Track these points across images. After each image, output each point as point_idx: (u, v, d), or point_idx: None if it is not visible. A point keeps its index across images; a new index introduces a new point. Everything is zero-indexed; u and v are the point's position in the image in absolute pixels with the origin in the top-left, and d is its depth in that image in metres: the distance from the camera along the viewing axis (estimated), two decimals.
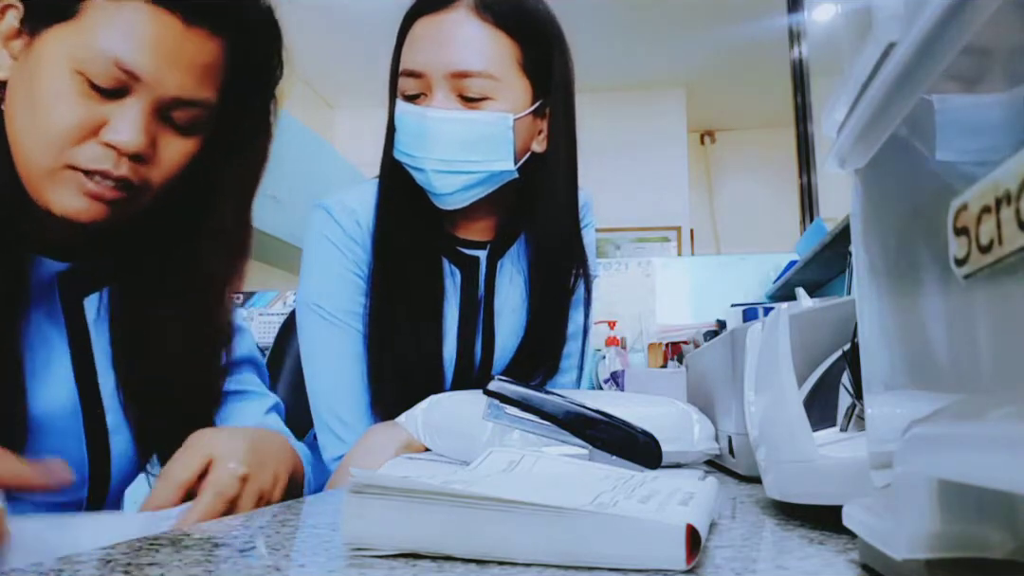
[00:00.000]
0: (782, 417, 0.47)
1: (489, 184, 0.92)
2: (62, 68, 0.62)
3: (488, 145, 0.88)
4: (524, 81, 0.91)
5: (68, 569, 0.34)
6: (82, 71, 0.62)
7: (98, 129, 0.63)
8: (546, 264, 0.98)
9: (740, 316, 2.45)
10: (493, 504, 0.34)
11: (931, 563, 0.24)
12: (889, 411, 0.30)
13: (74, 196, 0.64)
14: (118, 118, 0.63)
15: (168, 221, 0.72)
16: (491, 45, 0.88)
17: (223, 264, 0.75)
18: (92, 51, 0.62)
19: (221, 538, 0.42)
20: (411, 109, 0.88)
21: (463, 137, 0.87)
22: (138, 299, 0.73)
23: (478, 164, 0.88)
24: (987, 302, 0.21)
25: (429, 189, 0.90)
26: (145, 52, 0.62)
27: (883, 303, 0.31)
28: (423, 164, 0.88)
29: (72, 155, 0.63)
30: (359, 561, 0.34)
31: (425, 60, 0.87)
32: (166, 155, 0.67)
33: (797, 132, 3.33)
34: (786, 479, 0.46)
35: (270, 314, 2.88)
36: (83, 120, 0.62)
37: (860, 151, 0.32)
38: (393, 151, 0.92)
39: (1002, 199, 0.19)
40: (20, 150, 0.64)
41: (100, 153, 0.63)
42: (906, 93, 0.26)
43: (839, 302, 0.66)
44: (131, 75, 0.62)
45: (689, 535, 0.32)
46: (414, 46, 0.89)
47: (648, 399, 0.86)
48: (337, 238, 0.94)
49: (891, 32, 0.26)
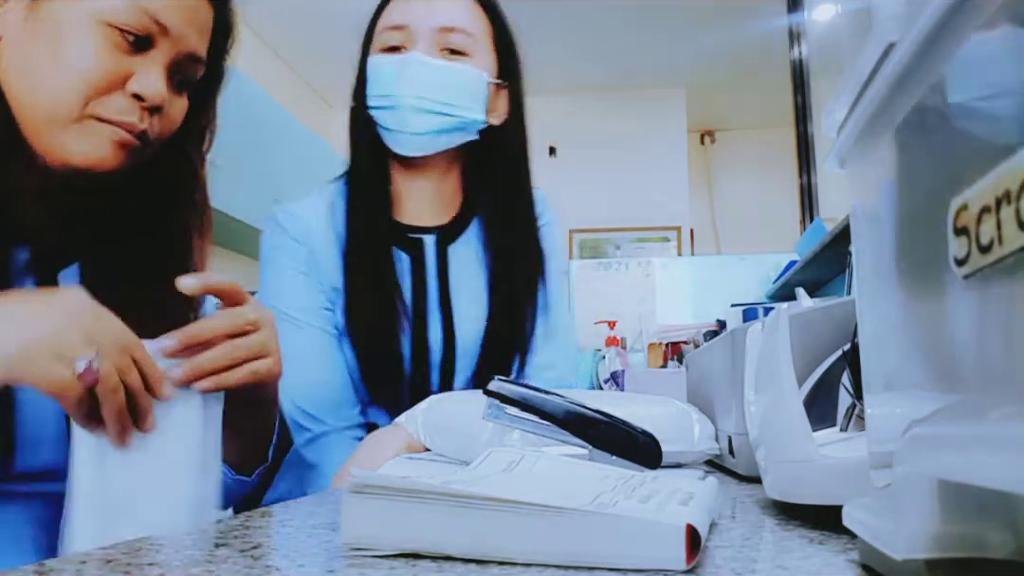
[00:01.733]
0: (782, 417, 0.47)
1: (456, 135, 0.96)
2: (86, 20, 0.63)
3: (465, 93, 0.93)
4: (493, 55, 0.98)
5: (69, 569, 0.34)
6: (111, 22, 0.63)
7: (124, 81, 0.64)
8: (503, 249, 1.00)
9: (740, 316, 2.44)
10: (493, 504, 0.34)
11: (931, 563, 0.24)
12: (889, 411, 0.30)
13: (100, 144, 0.64)
14: (143, 70, 0.64)
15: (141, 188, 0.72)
16: (473, 12, 0.96)
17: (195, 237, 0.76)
18: (123, 2, 0.63)
19: (221, 538, 0.42)
20: (392, 57, 0.93)
21: (444, 81, 0.92)
22: (113, 274, 0.71)
23: (454, 109, 0.93)
24: (987, 302, 0.21)
25: (400, 128, 0.93)
26: (172, 6, 0.65)
27: (883, 303, 0.31)
28: (400, 102, 0.92)
29: (98, 106, 0.63)
30: (359, 561, 0.34)
31: (414, 15, 0.93)
32: (171, 112, 0.69)
33: (797, 132, 3.33)
34: (786, 479, 0.46)
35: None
36: (112, 70, 0.63)
37: (860, 151, 0.32)
38: (365, 106, 0.96)
39: (1002, 199, 0.19)
40: (31, 105, 0.63)
41: (126, 105, 0.64)
42: (906, 93, 0.26)
43: (839, 302, 0.66)
44: (160, 27, 0.64)
45: (689, 535, 0.32)
46: (400, 6, 0.96)
47: (648, 399, 0.85)
48: (284, 243, 0.98)
49: (891, 32, 0.26)
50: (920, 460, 0.24)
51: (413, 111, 0.92)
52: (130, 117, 0.64)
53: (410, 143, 0.95)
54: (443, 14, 0.94)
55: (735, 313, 2.57)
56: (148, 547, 0.39)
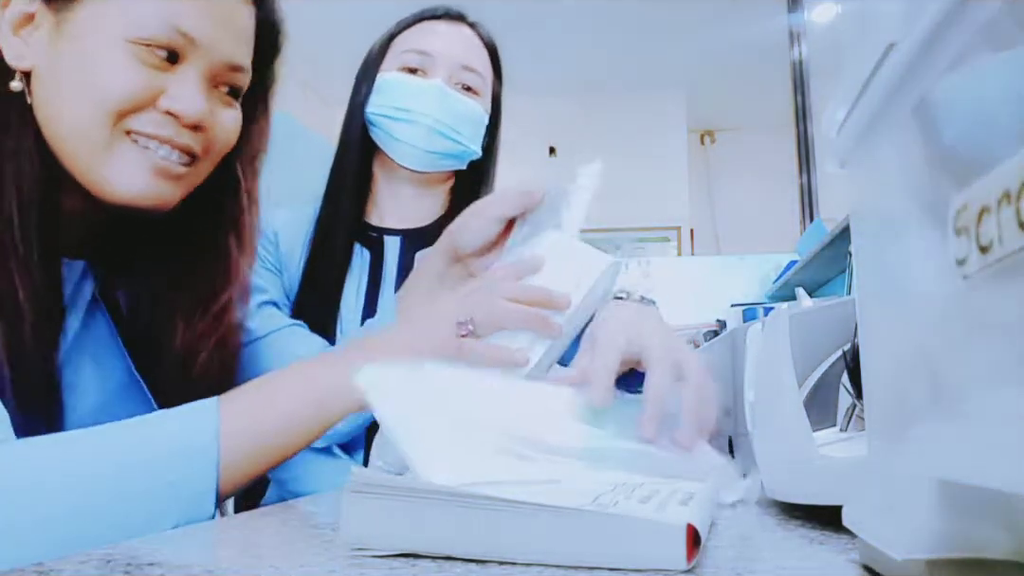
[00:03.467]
0: (782, 417, 0.47)
1: (454, 161, 1.06)
2: (113, 39, 0.60)
3: (471, 127, 1.05)
4: (490, 98, 1.10)
5: (68, 568, 0.34)
6: (136, 39, 0.60)
7: (156, 98, 0.61)
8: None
9: (740, 316, 2.44)
10: (494, 504, 0.34)
11: (931, 563, 0.24)
12: (890, 411, 0.30)
13: (138, 171, 0.61)
14: (175, 86, 0.62)
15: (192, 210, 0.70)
16: (485, 56, 1.08)
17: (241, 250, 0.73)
18: (146, 17, 0.60)
19: (221, 538, 0.42)
20: (415, 78, 1.03)
21: (458, 112, 1.03)
22: (165, 293, 0.71)
23: (461, 138, 1.04)
24: (987, 302, 0.21)
25: (411, 142, 1.02)
26: (201, 15, 0.62)
27: (883, 303, 0.31)
28: (419, 119, 1.01)
29: (130, 123, 0.61)
30: (359, 561, 0.34)
31: (440, 46, 1.03)
32: (220, 125, 0.66)
33: (797, 132, 3.33)
34: (786, 479, 0.46)
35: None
36: (141, 87, 0.61)
37: (860, 151, 0.32)
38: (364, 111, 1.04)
39: (1002, 199, 0.19)
40: (67, 128, 0.61)
41: (160, 120, 0.62)
42: (906, 93, 0.26)
43: (839, 302, 0.65)
44: (188, 39, 0.61)
45: (690, 535, 0.32)
46: (426, 35, 1.05)
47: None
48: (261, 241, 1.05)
49: (891, 32, 0.26)
50: (920, 460, 0.24)
51: (429, 130, 1.01)
52: (165, 131, 0.62)
53: (418, 158, 1.03)
54: (464, 53, 1.04)
55: (735, 313, 2.57)
56: (148, 547, 0.39)
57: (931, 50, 0.23)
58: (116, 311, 0.71)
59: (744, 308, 2.53)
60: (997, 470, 0.18)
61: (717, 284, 3.35)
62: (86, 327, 0.68)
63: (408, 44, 1.04)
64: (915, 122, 0.26)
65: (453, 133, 1.02)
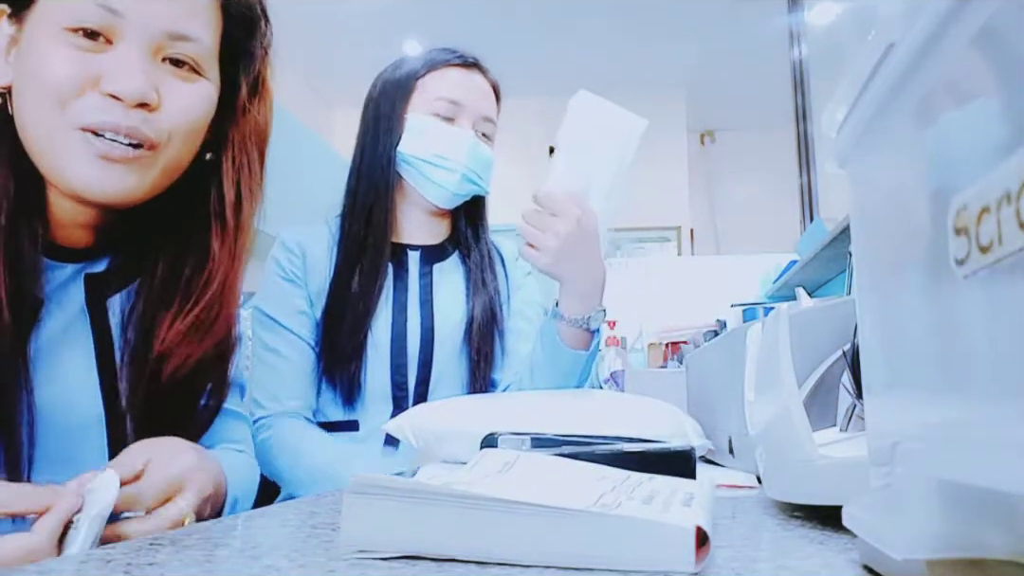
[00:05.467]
0: (782, 417, 0.47)
1: (466, 197, 1.20)
2: (51, 31, 0.60)
3: (489, 172, 1.20)
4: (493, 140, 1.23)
5: (68, 569, 0.34)
6: (69, 25, 0.60)
7: (96, 81, 0.61)
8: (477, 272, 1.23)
9: (740, 316, 2.44)
10: (496, 505, 0.34)
11: (931, 563, 0.24)
12: (889, 411, 0.30)
13: (89, 162, 0.61)
14: (113, 66, 0.61)
15: (178, 206, 0.70)
16: (494, 102, 1.22)
17: (232, 262, 0.72)
18: (76, 1, 0.60)
19: (221, 538, 0.42)
20: (451, 128, 1.15)
21: (483, 160, 1.17)
22: (155, 298, 0.70)
23: (482, 181, 1.18)
24: (987, 302, 0.21)
25: (445, 185, 1.15)
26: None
27: (883, 303, 0.31)
28: (455, 167, 1.14)
29: (77, 113, 0.60)
30: (359, 562, 0.34)
31: (468, 98, 1.17)
32: (174, 101, 0.64)
33: (797, 132, 3.33)
34: (786, 479, 0.46)
35: None
36: (78, 71, 0.60)
37: (860, 151, 0.32)
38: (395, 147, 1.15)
39: (1002, 199, 0.19)
40: (30, 131, 0.62)
41: (103, 104, 0.61)
42: (906, 93, 0.26)
43: (839, 302, 0.66)
44: (115, 13, 0.60)
45: (698, 537, 0.32)
46: (452, 84, 1.17)
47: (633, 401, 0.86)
48: (278, 254, 1.18)
49: (891, 32, 0.26)
50: (920, 460, 0.24)
51: (462, 177, 1.14)
52: (110, 116, 0.60)
53: (447, 199, 1.17)
54: (484, 104, 1.18)
55: (735, 313, 2.57)
56: (148, 547, 0.39)
57: (931, 50, 0.23)
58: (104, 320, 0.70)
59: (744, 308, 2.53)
60: (997, 470, 0.18)
61: (717, 284, 3.35)
62: (65, 332, 0.67)
63: (439, 91, 1.15)
64: (915, 122, 0.26)
65: (477, 179, 1.16)
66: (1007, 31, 0.20)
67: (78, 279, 0.69)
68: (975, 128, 0.23)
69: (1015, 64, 0.19)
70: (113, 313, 0.70)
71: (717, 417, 0.79)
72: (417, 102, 1.16)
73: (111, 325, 0.70)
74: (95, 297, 0.70)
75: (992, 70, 0.21)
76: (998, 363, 0.20)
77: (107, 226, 0.70)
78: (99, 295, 0.70)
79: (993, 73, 0.21)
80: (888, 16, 0.26)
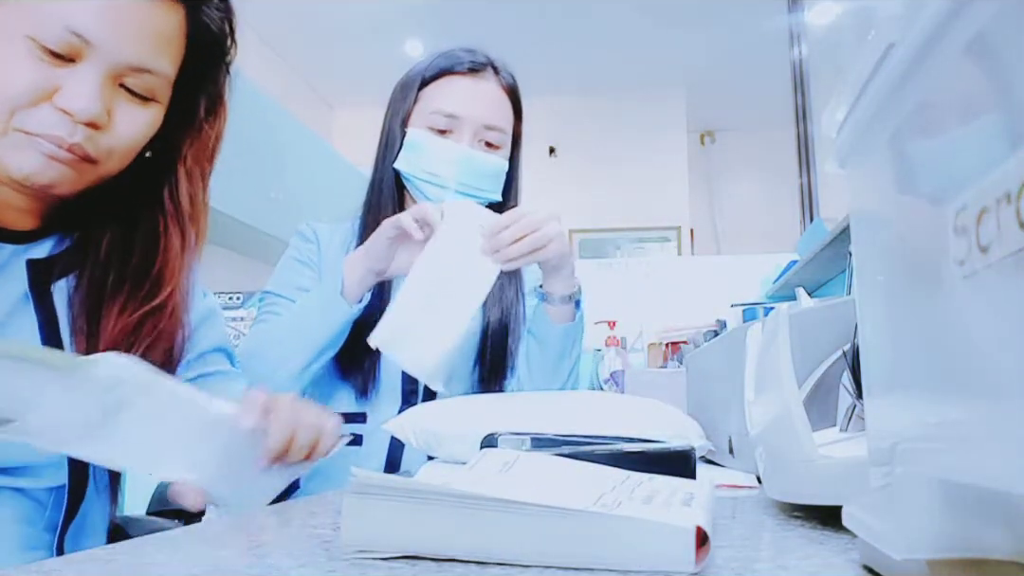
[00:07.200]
0: (782, 417, 0.47)
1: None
2: (14, 34, 0.61)
3: (492, 181, 1.16)
4: (510, 145, 1.20)
5: (69, 569, 0.34)
6: (33, 36, 0.61)
7: (51, 94, 0.62)
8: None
9: (740, 316, 2.44)
10: (496, 505, 0.34)
11: (931, 563, 0.24)
12: (889, 411, 0.30)
13: (30, 156, 0.63)
14: (71, 83, 0.62)
15: (127, 197, 0.72)
16: (507, 109, 1.17)
17: (183, 248, 0.75)
18: (43, 15, 0.61)
19: (221, 538, 0.42)
20: (444, 141, 1.13)
21: (481, 171, 1.14)
22: (101, 286, 0.71)
23: (484, 192, 1.15)
24: (987, 302, 0.21)
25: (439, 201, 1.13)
26: (99, 18, 0.62)
27: (883, 303, 0.31)
28: (447, 183, 1.13)
29: (24, 119, 0.62)
30: (359, 561, 0.34)
31: (465, 108, 1.13)
32: (123, 124, 0.66)
33: (797, 132, 3.33)
34: (786, 479, 0.46)
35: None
36: (34, 83, 0.61)
37: (860, 151, 0.32)
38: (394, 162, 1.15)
39: (1002, 199, 0.19)
40: None
41: (54, 118, 0.62)
42: (906, 93, 0.26)
43: (839, 302, 0.66)
44: (83, 40, 0.62)
45: (698, 537, 0.32)
46: (451, 95, 1.14)
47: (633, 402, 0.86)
48: (296, 241, 1.20)
49: (891, 32, 0.26)
50: (920, 460, 0.24)
51: (455, 193, 1.12)
52: (57, 130, 0.62)
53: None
54: (487, 112, 1.14)
55: (735, 313, 2.57)
56: (148, 547, 0.39)
57: (931, 50, 0.23)
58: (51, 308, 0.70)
59: (744, 308, 2.53)
60: (997, 470, 0.18)
61: (717, 284, 3.35)
62: (10, 317, 0.67)
63: (435, 104, 1.13)
64: (915, 122, 0.26)
65: (476, 191, 1.13)
66: (1007, 31, 0.20)
67: (18, 262, 0.69)
68: (975, 128, 0.23)
69: (1015, 64, 0.19)
70: (60, 300, 0.71)
71: (717, 417, 0.79)
72: (416, 115, 1.15)
73: (58, 314, 0.70)
74: (39, 282, 0.70)
75: (992, 70, 0.21)
76: (998, 363, 0.20)
77: (51, 211, 0.71)
78: (43, 280, 0.70)
79: (993, 73, 0.21)
80: (887, 16, 0.26)
